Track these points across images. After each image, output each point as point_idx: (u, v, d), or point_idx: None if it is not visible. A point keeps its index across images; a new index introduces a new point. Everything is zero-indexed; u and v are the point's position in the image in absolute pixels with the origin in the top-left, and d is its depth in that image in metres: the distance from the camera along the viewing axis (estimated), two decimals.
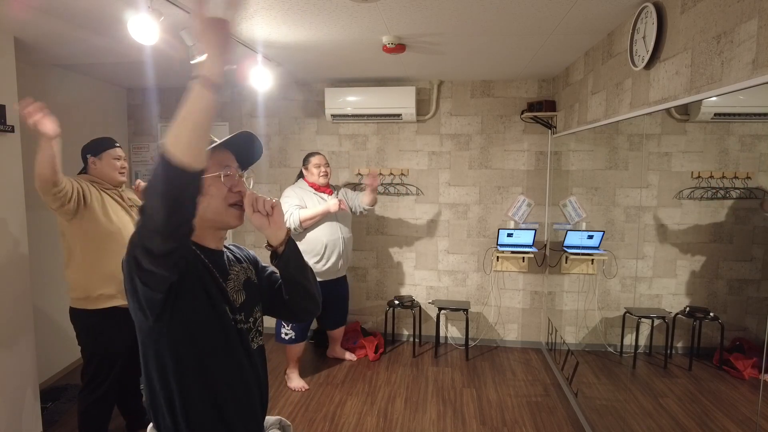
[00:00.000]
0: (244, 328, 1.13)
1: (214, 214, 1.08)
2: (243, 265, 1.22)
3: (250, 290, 1.19)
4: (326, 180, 3.35)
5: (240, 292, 1.15)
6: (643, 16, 2.08)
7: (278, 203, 1.15)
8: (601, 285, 2.89)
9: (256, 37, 2.66)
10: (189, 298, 1.02)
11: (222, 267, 1.13)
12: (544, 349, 4.00)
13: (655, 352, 2.23)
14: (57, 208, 2.16)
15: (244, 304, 1.15)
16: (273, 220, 1.13)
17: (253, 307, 1.19)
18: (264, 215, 1.12)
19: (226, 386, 1.08)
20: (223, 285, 1.11)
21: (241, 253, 1.27)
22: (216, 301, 1.07)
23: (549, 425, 2.86)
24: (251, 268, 1.25)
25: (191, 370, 1.03)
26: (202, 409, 1.05)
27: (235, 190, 1.11)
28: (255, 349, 1.17)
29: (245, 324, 1.14)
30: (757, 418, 1.50)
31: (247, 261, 1.26)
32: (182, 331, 1.02)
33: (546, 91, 3.85)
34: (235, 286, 1.15)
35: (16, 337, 2.54)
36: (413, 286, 4.17)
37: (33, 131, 1.99)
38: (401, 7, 2.21)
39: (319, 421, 2.90)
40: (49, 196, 2.09)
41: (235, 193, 1.11)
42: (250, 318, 1.17)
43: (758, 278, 1.65)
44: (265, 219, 1.12)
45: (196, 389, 1.04)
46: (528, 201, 3.96)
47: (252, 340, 1.16)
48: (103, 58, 3.14)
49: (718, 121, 1.82)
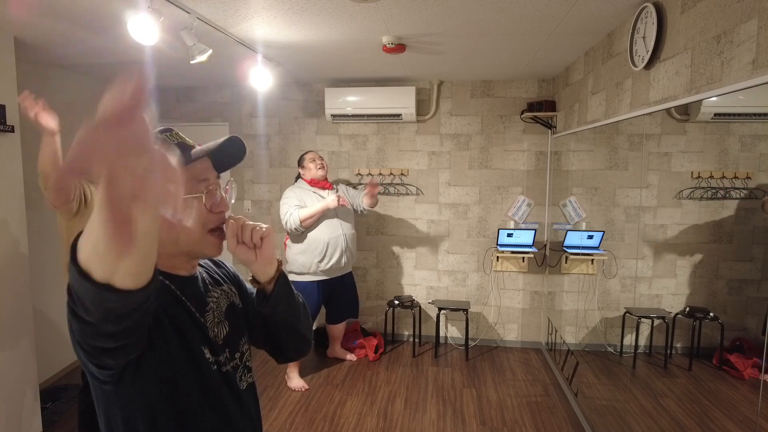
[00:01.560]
0: (229, 369, 0.93)
1: (188, 243, 0.86)
2: (223, 288, 1.00)
3: (233, 319, 0.98)
4: (324, 172, 3.36)
5: (222, 324, 0.94)
6: (643, 16, 2.08)
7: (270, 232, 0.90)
8: (601, 285, 2.89)
9: (256, 37, 2.66)
10: (158, 346, 0.80)
11: (198, 296, 0.92)
12: (544, 349, 4.00)
13: (655, 352, 2.23)
14: (60, 205, 2.16)
15: (228, 339, 0.95)
16: (261, 254, 0.89)
17: (238, 340, 0.98)
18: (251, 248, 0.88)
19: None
20: (201, 321, 0.90)
21: (220, 271, 1.04)
22: (193, 345, 0.86)
23: (549, 425, 2.86)
24: (233, 291, 1.03)
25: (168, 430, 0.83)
26: None
27: (216, 211, 0.88)
28: (244, 389, 0.97)
29: (230, 363, 0.94)
30: (757, 418, 1.50)
31: (227, 281, 1.03)
32: (153, 388, 0.80)
33: (546, 91, 3.85)
34: (215, 318, 0.93)
35: (15, 337, 2.54)
36: (413, 286, 4.17)
37: (34, 125, 2.00)
38: (401, 7, 2.21)
39: (319, 421, 2.90)
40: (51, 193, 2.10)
41: (217, 214, 0.88)
42: (236, 354, 0.96)
43: (758, 278, 1.65)
44: (252, 252, 0.88)
45: None
46: (528, 201, 3.96)
47: (240, 379, 0.96)
48: (103, 58, 3.14)
49: (718, 121, 1.82)
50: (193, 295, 0.91)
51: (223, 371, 0.92)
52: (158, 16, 2.02)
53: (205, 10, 2.22)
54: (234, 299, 1.02)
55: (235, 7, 2.19)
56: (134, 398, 0.80)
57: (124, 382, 0.77)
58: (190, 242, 0.87)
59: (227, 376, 0.93)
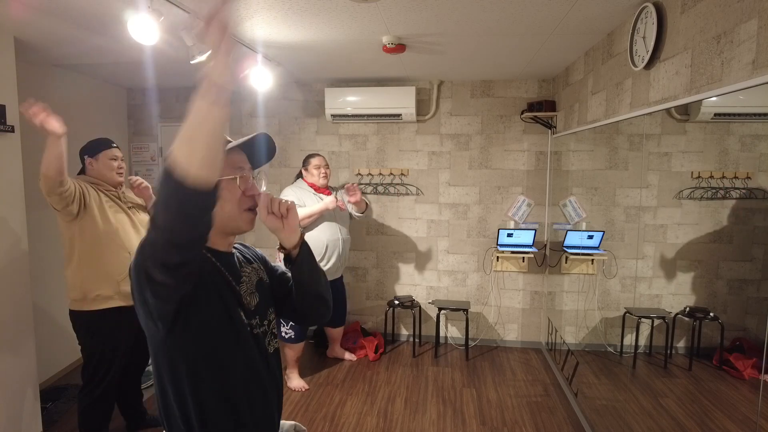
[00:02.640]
0: (259, 333, 1.09)
1: (227, 218, 1.04)
2: (254, 266, 1.17)
3: (263, 292, 1.15)
4: (326, 181, 3.35)
5: (253, 295, 1.11)
6: (643, 16, 2.08)
7: (293, 205, 1.11)
8: (601, 285, 2.89)
9: (256, 37, 2.66)
10: (203, 305, 0.97)
11: (234, 269, 1.09)
12: (544, 349, 4.00)
13: (655, 352, 2.23)
14: (62, 208, 2.16)
15: (258, 307, 1.11)
16: (287, 223, 1.10)
17: (267, 309, 1.15)
18: (278, 218, 1.09)
19: (244, 395, 1.04)
20: (237, 288, 1.07)
21: (249, 252, 1.22)
22: (230, 307, 1.02)
23: (549, 425, 2.86)
24: (262, 268, 1.20)
25: (208, 381, 0.99)
26: (219, 419, 1.00)
27: (249, 194, 1.06)
28: (271, 353, 1.13)
29: (260, 328, 1.10)
30: (757, 418, 1.50)
31: (257, 260, 1.21)
32: (197, 341, 0.97)
33: (546, 91, 3.85)
34: (248, 289, 1.10)
35: (16, 337, 2.54)
36: (413, 286, 4.17)
37: (40, 131, 2.01)
38: (401, 7, 2.21)
39: (319, 421, 2.90)
40: (54, 197, 2.10)
41: (249, 197, 1.06)
42: (264, 321, 1.12)
43: (758, 278, 1.65)
44: (279, 221, 1.09)
45: (213, 399, 0.99)
46: (528, 201, 3.96)
47: (268, 344, 1.13)
48: (103, 58, 3.14)
49: (718, 121, 1.83)
50: (229, 267, 1.07)
51: (254, 333, 1.07)
52: (158, 16, 2.02)
53: (205, 10, 2.22)
54: (263, 276, 1.18)
55: (235, 7, 2.19)
56: (181, 349, 0.96)
57: (175, 332, 0.94)
58: (228, 217, 1.03)
59: (257, 337, 1.09)
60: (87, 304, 2.29)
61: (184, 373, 0.97)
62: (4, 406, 2.47)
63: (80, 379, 2.41)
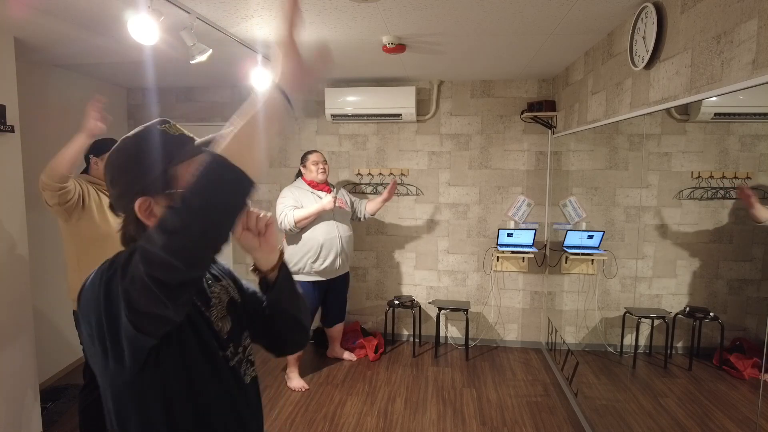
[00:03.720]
0: (234, 364, 0.95)
1: None
2: (222, 283, 1.01)
3: (235, 314, 0.99)
4: (325, 177, 3.35)
5: (225, 319, 0.95)
6: (643, 16, 2.08)
7: (273, 220, 0.94)
8: (601, 285, 2.89)
9: (256, 37, 2.66)
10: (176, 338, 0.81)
11: (202, 292, 0.93)
12: (544, 349, 4.00)
13: (655, 352, 2.23)
14: (53, 204, 2.16)
15: (232, 333, 0.95)
16: (265, 241, 0.92)
17: (240, 334, 0.99)
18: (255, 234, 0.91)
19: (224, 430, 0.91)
20: (207, 314, 0.91)
21: (215, 267, 1.04)
22: (204, 337, 0.88)
23: (549, 425, 2.86)
24: (232, 285, 1.04)
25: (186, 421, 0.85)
26: None
27: None
28: (249, 383, 0.99)
29: (235, 357, 0.95)
30: (757, 418, 1.50)
31: (225, 276, 1.04)
32: (170, 379, 0.82)
33: (546, 91, 3.85)
34: (218, 313, 0.94)
35: (16, 338, 2.54)
36: (413, 286, 4.17)
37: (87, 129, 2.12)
38: (401, 7, 2.21)
39: (319, 421, 2.90)
40: (49, 192, 2.11)
41: None
42: (239, 348, 0.97)
43: (758, 278, 1.65)
44: (256, 239, 0.91)
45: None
46: (528, 201, 3.96)
47: (244, 373, 0.98)
48: (103, 58, 3.14)
49: (718, 121, 1.83)
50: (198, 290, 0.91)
51: (230, 365, 0.93)
52: (158, 16, 2.02)
53: (205, 10, 2.22)
54: (233, 294, 1.02)
55: (235, 7, 2.19)
56: (153, 391, 0.81)
57: (145, 373, 0.79)
58: None
59: (233, 369, 0.94)
60: None
61: (159, 415, 0.82)
62: (4, 406, 2.47)
63: (80, 379, 2.42)
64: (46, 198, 2.14)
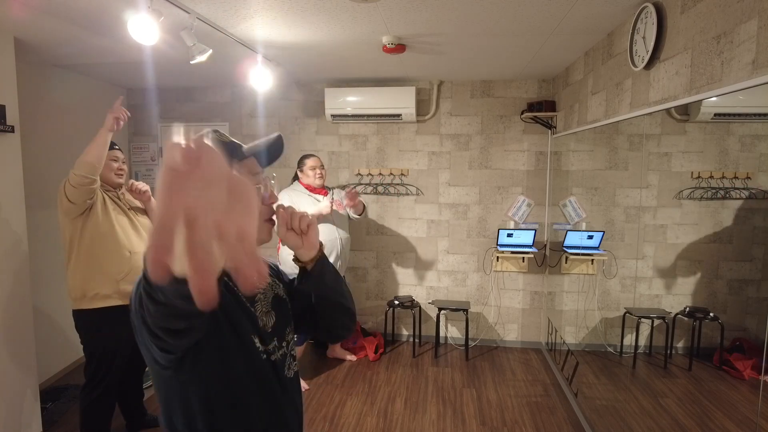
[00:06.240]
0: (277, 359, 0.99)
1: None
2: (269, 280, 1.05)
3: (280, 309, 1.03)
4: (322, 182, 3.34)
5: (269, 315, 1.00)
6: (643, 17, 2.08)
7: (314, 220, 1.00)
8: (601, 285, 2.89)
9: (256, 37, 2.66)
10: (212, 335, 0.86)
11: None
12: (544, 349, 4.00)
13: (655, 352, 2.23)
14: (79, 202, 2.18)
15: (276, 328, 1.00)
16: (307, 239, 0.98)
17: (284, 329, 1.03)
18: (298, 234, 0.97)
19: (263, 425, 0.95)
20: (251, 310, 0.96)
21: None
22: (243, 334, 0.92)
23: (549, 425, 2.86)
24: (277, 282, 1.08)
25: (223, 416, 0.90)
26: None
27: (268, 203, 0.96)
28: (291, 378, 1.02)
29: (279, 352, 0.99)
30: (757, 418, 1.50)
31: (271, 273, 1.08)
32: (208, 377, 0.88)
33: (546, 91, 3.85)
34: (263, 308, 0.99)
35: (16, 337, 2.54)
36: (413, 286, 4.17)
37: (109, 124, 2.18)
38: (401, 7, 2.21)
39: (319, 421, 2.90)
40: (80, 189, 2.13)
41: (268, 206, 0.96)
42: (282, 343, 1.01)
43: (758, 278, 1.65)
44: (299, 239, 0.97)
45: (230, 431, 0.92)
46: (528, 201, 3.96)
47: (288, 368, 1.02)
48: (103, 58, 3.14)
49: (718, 121, 1.83)
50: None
51: (272, 360, 0.97)
52: (158, 16, 2.02)
53: (205, 10, 2.22)
54: (279, 291, 1.06)
55: (235, 7, 2.19)
56: (192, 386, 0.87)
57: (183, 369, 0.84)
58: None
59: (276, 364, 0.98)
60: (86, 303, 2.30)
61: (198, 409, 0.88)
62: (4, 406, 2.47)
63: (80, 379, 2.42)
64: (71, 196, 2.14)
